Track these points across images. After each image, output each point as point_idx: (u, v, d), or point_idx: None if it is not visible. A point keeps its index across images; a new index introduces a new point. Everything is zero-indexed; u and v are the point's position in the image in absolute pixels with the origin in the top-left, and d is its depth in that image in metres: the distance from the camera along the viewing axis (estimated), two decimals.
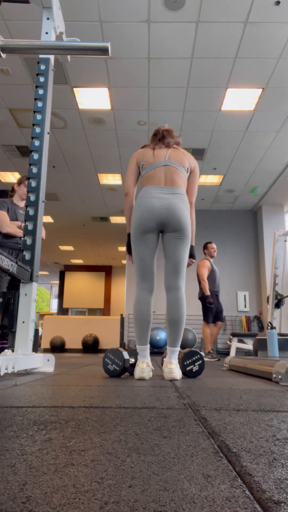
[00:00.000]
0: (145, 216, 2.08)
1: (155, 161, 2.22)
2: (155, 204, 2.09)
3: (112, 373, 2.09)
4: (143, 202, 2.11)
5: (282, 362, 1.91)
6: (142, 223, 2.09)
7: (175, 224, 2.09)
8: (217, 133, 6.25)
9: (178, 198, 2.12)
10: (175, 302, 2.09)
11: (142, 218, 2.09)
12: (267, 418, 0.93)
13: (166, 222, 2.09)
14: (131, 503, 0.42)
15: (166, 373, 1.97)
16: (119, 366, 2.08)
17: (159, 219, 2.08)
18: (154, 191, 2.12)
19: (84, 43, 1.94)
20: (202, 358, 2.14)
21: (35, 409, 1.00)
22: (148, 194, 2.12)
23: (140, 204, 2.12)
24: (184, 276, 2.15)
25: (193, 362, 2.14)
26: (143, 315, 2.10)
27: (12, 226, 3.35)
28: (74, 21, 4.18)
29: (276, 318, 5.55)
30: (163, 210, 2.08)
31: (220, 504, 0.42)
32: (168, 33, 4.31)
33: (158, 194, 2.11)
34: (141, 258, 2.13)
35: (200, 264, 5.35)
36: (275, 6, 3.95)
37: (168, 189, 2.13)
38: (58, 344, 8.42)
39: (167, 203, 2.09)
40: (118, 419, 0.89)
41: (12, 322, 2.26)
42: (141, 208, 2.10)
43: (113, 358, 2.09)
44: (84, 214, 10.11)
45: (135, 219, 2.13)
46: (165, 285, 2.15)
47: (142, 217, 2.09)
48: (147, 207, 2.09)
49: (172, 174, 2.18)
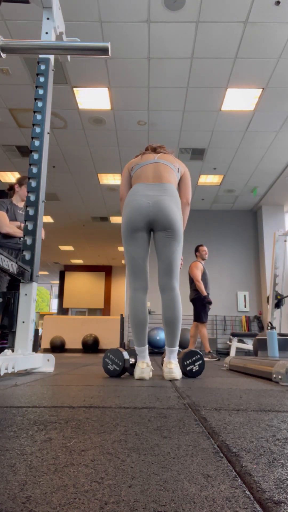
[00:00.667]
0: (133, 215, 2.06)
1: (144, 161, 2.23)
2: (142, 202, 2.06)
3: (112, 373, 2.09)
4: (131, 200, 2.10)
5: (282, 362, 1.91)
6: (130, 222, 2.07)
7: (164, 221, 2.06)
8: (217, 133, 6.25)
9: (166, 193, 2.08)
10: (170, 302, 2.07)
11: (130, 217, 2.07)
12: (267, 418, 0.93)
13: (155, 220, 2.06)
14: (131, 503, 0.42)
15: (166, 373, 1.97)
16: (119, 366, 2.08)
17: (148, 217, 2.06)
18: (141, 189, 2.11)
19: (84, 43, 1.94)
20: (202, 358, 2.15)
21: (35, 409, 1.00)
22: (136, 192, 2.11)
23: (128, 203, 2.11)
24: (177, 276, 2.12)
25: (193, 362, 2.14)
26: (138, 315, 2.08)
27: (12, 226, 3.35)
28: (74, 21, 4.18)
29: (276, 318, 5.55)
30: (151, 208, 2.05)
31: (220, 504, 0.42)
32: (168, 33, 4.31)
33: (145, 191, 2.09)
34: (132, 258, 2.11)
35: (193, 266, 5.34)
36: (275, 6, 3.95)
37: (156, 185, 2.11)
38: (58, 344, 8.42)
39: (155, 200, 2.06)
40: (118, 419, 0.89)
41: (12, 322, 2.26)
42: (129, 207, 2.09)
43: (113, 358, 2.09)
44: (84, 214, 10.11)
45: (124, 218, 2.12)
46: (159, 285, 2.13)
47: (130, 216, 2.07)
48: (135, 205, 2.07)
49: (161, 170, 2.17)
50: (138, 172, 2.20)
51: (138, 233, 2.10)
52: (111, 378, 2.01)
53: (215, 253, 9.25)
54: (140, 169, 2.20)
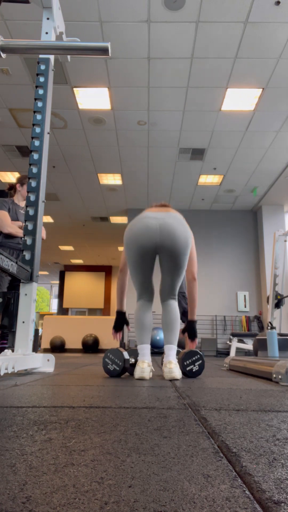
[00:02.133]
0: (140, 236, 2.08)
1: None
2: (150, 222, 2.09)
3: (112, 373, 2.09)
4: (138, 221, 2.13)
5: (282, 362, 1.91)
6: (138, 246, 2.09)
7: (170, 250, 2.08)
8: (217, 133, 6.25)
9: (173, 218, 2.12)
10: (169, 311, 2.17)
11: (137, 240, 2.08)
12: (267, 418, 0.93)
13: (162, 246, 2.08)
14: (131, 503, 0.42)
15: (166, 373, 1.97)
16: (119, 366, 2.08)
17: (155, 241, 2.07)
18: (149, 213, 2.16)
19: (84, 43, 1.94)
20: (202, 358, 2.15)
21: (35, 409, 1.00)
22: (143, 215, 2.16)
23: (136, 222, 2.14)
24: (176, 293, 2.22)
25: (193, 362, 2.14)
26: (144, 322, 2.16)
27: (14, 226, 3.33)
28: (74, 21, 4.18)
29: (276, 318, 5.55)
30: (158, 232, 2.06)
31: (220, 504, 0.42)
32: (168, 33, 4.31)
33: (155, 215, 2.13)
34: (139, 274, 2.17)
35: None
36: (275, 6, 3.95)
37: (163, 212, 2.16)
38: (58, 344, 8.42)
39: (162, 222, 2.09)
40: (118, 419, 0.89)
41: (12, 322, 2.26)
42: (136, 227, 2.11)
43: (113, 358, 2.09)
44: (84, 214, 10.11)
45: (130, 238, 2.11)
46: (160, 296, 2.23)
47: (137, 235, 2.09)
48: (142, 225, 2.09)
49: (167, 207, 2.25)
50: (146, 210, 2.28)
51: (145, 254, 2.12)
52: (111, 378, 2.01)
53: (215, 253, 9.25)
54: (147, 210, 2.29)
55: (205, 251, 9.23)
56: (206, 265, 9.09)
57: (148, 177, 7.85)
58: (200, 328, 8.67)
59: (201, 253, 9.22)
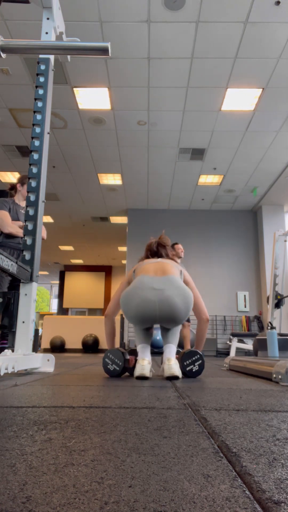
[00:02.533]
0: (140, 311, 2.06)
1: (146, 262, 2.28)
2: (150, 297, 2.04)
3: (112, 373, 2.09)
4: (138, 294, 2.07)
5: (282, 362, 1.91)
6: (138, 317, 2.09)
7: (170, 319, 2.07)
8: (217, 133, 6.25)
9: (172, 286, 2.06)
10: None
11: (137, 312, 2.07)
12: (267, 418, 0.93)
13: (161, 317, 2.07)
14: (131, 503, 0.42)
15: (165, 369, 1.98)
16: (119, 366, 2.08)
17: (154, 314, 2.06)
18: (148, 281, 2.10)
19: (84, 43, 1.94)
20: (202, 358, 2.15)
21: (35, 409, 1.00)
22: (142, 284, 2.09)
23: (134, 294, 2.08)
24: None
25: (193, 362, 2.14)
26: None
27: (14, 226, 3.33)
28: (74, 21, 4.18)
29: (276, 318, 5.55)
30: (158, 306, 2.03)
31: (220, 504, 0.42)
32: (168, 33, 4.31)
33: (152, 284, 2.07)
34: (141, 327, 2.19)
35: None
36: (275, 6, 3.95)
37: (161, 278, 2.11)
38: (58, 344, 8.42)
39: (162, 297, 2.03)
40: (118, 419, 0.89)
41: (12, 322, 2.26)
42: (135, 302, 2.06)
43: (113, 358, 2.09)
44: (84, 214, 10.10)
45: (131, 311, 2.09)
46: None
47: (138, 311, 2.07)
48: (142, 301, 2.04)
49: (164, 266, 2.21)
50: (143, 267, 2.23)
51: (145, 324, 2.15)
52: (111, 378, 2.01)
53: (215, 253, 9.25)
54: (143, 266, 2.25)
55: (205, 251, 9.23)
56: (206, 265, 9.09)
57: (148, 177, 7.85)
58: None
59: (201, 253, 9.22)
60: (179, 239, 8.10)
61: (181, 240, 8.15)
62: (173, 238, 8.43)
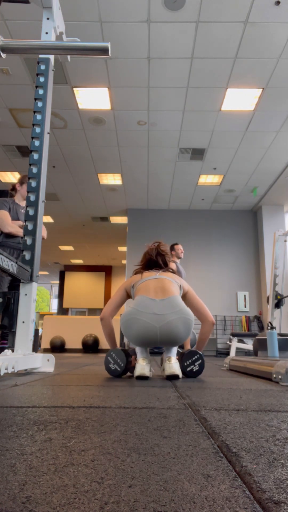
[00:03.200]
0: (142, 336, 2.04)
1: (146, 277, 2.25)
2: (151, 322, 2.02)
3: (112, 372, 2.09)
4: (139, 317, 2.04)
5: (282, 362, 1.91)
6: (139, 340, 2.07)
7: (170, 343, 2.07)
8: (217, 133, 6.25)
9: (173, 310, 2.04)
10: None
11: (138, 336, 2.05)
12: (267, 418, 0.93)
13: (162, 341, 2.07)
14: (131, 503, 0.42)
15: (166, 369, 1.98)
16: (121, 367, 2.08)
17: (155, 338, 2.04)
18: (148, 303, 2.07)
19: (84, 43, 1.94)
20: (202, 358, 2.15)
21: (35, 409, 1.00)
22: (142, 307, 2.06)
23: (135, 319, 2.06)
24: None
25: (193, 362, 2.14)
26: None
27: (14, 225, 3.34)
28: (74, 21, 4.18)
29: (276, 318, 5.55)
30: (158, 331, 2.01)
31: (220, 504, 0.42)
32: (168, 33, 4.31)
33: (152, 309, 2.04)
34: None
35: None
36: (275, 6, 3.95)
37: (162, 301, 2.08)
38: (58, 344, 8.42)
39: (163, 323, 2.01)
40: (118, 419, 0.89)
41: (12, 322, 2.26)
42: (137, 326, 2.04)
43: (116, 358, 2.10)
44: (84, 214, 10.10)
45: (132, 334, 2.07)
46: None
47: (139, 335, 2.05)
48: (143, 326, 2.02)
49: (164, 284, 2.18)
50: (143, 285, 2.20)
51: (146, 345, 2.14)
52: (111, 378, 2.01)
53: (215, 253, 9.25)
54: (144, 283, 2.22)
55: (205, 251, 9.22)
56: (206, 265, 9.09)
57: (148, 177, 7.85)
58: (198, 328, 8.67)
59: (201, 253, 9.22)
60: (179, 239, 8.10)
61: (181, 240, 8.15)
62: (173, 238, 8.44)
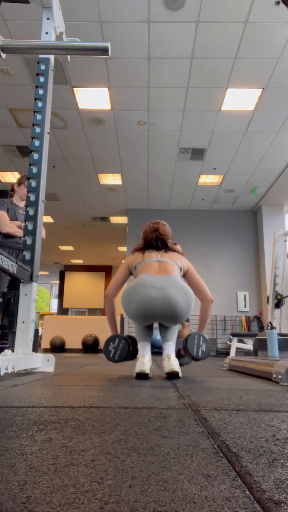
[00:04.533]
0: (142, 309, 2.08)
1: (147, 259, 2.27)
2: (151, 294, 2.05)
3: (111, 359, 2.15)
4: (140, 292, 2.08)
5: (282, 362, 1.91)
6: (139, 314, 2.10)
7: (170, 319, 2.10)
8: (217, 133, 6.25)
9: (173, 285, 2.08)
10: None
11: (139, 310, 2.09)
12: (267, 418, 0.93)
13: (162, 316, 2.09)
14: (131, 503, 0.42)
15: (165, 366, 1.98)
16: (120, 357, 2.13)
17: (155, 311, 2.07)
18: (149, 280, 2.11)
19: (84, 43, 1.94)
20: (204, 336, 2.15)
21: (35, 409, 1.00)
22: (143, 282, 2.10)
23: (135, 293, 2.09)
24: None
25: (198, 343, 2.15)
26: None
27: (12, 226, 3.35)
28: (74, 21, 4.18)
29: (276, 318, 5.55)
30: (159, 303, 2.05)
31: (220, 504, 0.42)
32: (168, 33, 4.31)
33: (153, 283, 2.08)
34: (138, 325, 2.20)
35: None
36: (275, 6, 3.95)
37: (163, 277, 2.12)
38: (58, 344, 8.42)
39: (164, 295, 2.05)
40: (118, 419, 0.89)
41: (12, 322, 2.26)
42: (138, 299, 2.08)
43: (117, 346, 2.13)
44: (84, 214, 10.10)
45: (132, 307, 2.11)
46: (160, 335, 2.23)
47: (139, 309, 2.08)
48: (144, 298, 2.06)
49: (166, 266, 2.21)
50: (144, 266, 2.23)
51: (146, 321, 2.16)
52: (111, 378, 2.01)
53: (215, 253, 9.25)
54: (145, 264, 2.24)
55: (205, 251, 9.22)
56: (206, 265, 9.08)
57: (148, 177, 7.85)
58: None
59: (201, 253, 9.21)
60: (179, 239, 8.10)
61: (181, 240, 8.15)
62: (172, 238, 8.43)
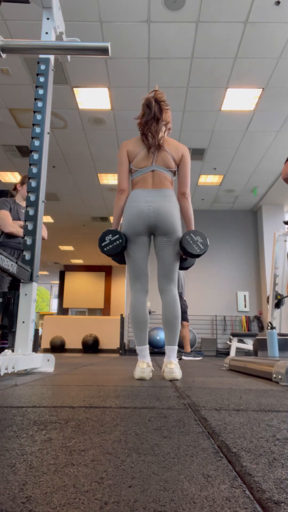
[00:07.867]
0: (135, 220, 2.13)
1: (143, 166, 2.23)
2: (143, 207, 2.12)
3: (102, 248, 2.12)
4: (132, 205, 2.15)
5: (282, 362, 1.91)
6: (131, 227, 2.14)
7: (164, 227, 2.13)
8: (217, 133, 6.25)
9: (166, 200, 2.15)
10: (169, 303, 2.16)
11: (131, 222, 2.14)
12: (267, 418, 0.93)
13: (156, 225, 2.13)
14: (131, 503, 0.42)
15: (166, 373, 1.97)
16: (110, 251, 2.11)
17: (148, 222, 2.12)
18: (142, 194, 2.16)
19: (84, 43, 1.94)
20: (201, 234, 2.18)
21: (35, 409, 1.00)
22: (137, 197, 2.16)
23: (129, 207, 2.17)
24: (175, 279, 2.22)
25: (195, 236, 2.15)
26: (139, 316, 2.14)
27: (15, 225, 3.34)
28: (74, 21, 4.18)
29: (276, 318, 5.55)
30: (152, 213, 2.11)
31: (220, 504, 0.42)
32: (168, 33, 4.31)
33: (146, 197, 2.14)
34: (133, 260, 2.18)
35: None
36: (275, 6, 3.95)
37: (156, 191, 2.17)
38: (58, 344, 8.42)
39: (156, 206, 2.12)
40: (118, 419, 0.89)
41: (12, 322, 2.26)
42: (131, 212, 2.15)
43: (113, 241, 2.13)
44: (84, 214, 10.10)
45: (125, 222, 2.17)
46: (158, 287, 2.22)
47: (131, 220, 2.13)
48: (136, 211, 2.13)
49: (160, 178, 2.22)
50: (139, 179, 2.24)
51: (139, 237, 2.16)
52: (111, 378, 2.01)
53: (215, 253, 9.24)
54: (140, 176, 2.24)
55: None
56: (206, 265, 9.08)
57: None
58: (200, 328, 8.68)
59: None
60: None
61: None
62: None
